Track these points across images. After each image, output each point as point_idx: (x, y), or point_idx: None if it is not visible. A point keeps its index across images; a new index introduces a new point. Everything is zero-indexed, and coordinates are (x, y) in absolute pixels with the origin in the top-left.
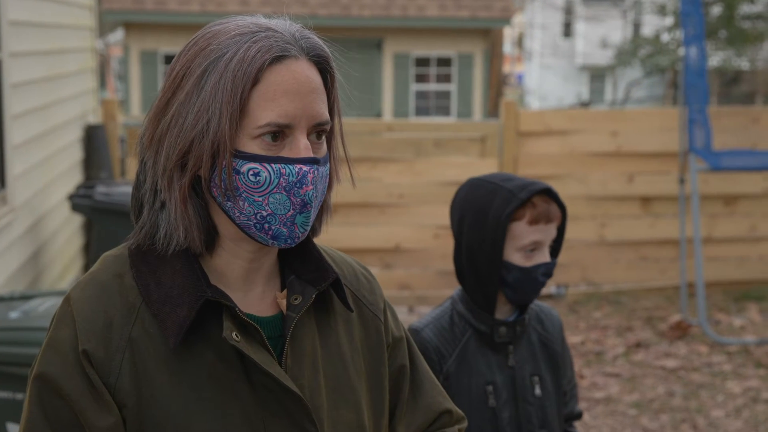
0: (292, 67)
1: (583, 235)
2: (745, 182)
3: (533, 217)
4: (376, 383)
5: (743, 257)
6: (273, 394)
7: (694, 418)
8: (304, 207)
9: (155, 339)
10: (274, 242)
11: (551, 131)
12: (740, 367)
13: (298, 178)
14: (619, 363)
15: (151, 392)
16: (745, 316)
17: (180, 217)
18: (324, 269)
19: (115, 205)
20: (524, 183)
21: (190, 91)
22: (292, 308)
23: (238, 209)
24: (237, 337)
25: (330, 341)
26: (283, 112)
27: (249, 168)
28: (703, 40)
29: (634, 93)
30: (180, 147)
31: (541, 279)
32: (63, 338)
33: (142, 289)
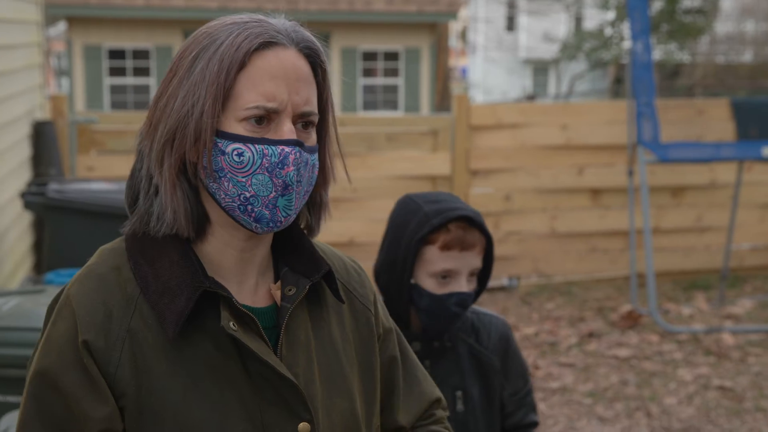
0: (281, 54)
1: (534, 228)
2: (691, 174)
3: (445, 243)
4: (367, 372)
5: (690, 247)
6: (269, 382)
7: (648, 406)
8: (286, 189)
9: (153, 329)
10: (257, 225)
11: (502, 125)
12: (690, 355)
13: (280, 158)
14: (573, 353)
15: (150, 382)
16: (693, 305)
17: (169, 198)
18: (316, 261)
19: (68, 202)
20: (444, 208)
21: (181, 75)
22: (286, 299)
23: (223, 191)
24: (234, 327)
25: (322, 332)
26: (269, 95)
27: (234, 148)
28: (649, 35)
29: (577, 86)
30: (169, 127)
31: (453, 309)
32: (60, 331)
33: (140, 280)
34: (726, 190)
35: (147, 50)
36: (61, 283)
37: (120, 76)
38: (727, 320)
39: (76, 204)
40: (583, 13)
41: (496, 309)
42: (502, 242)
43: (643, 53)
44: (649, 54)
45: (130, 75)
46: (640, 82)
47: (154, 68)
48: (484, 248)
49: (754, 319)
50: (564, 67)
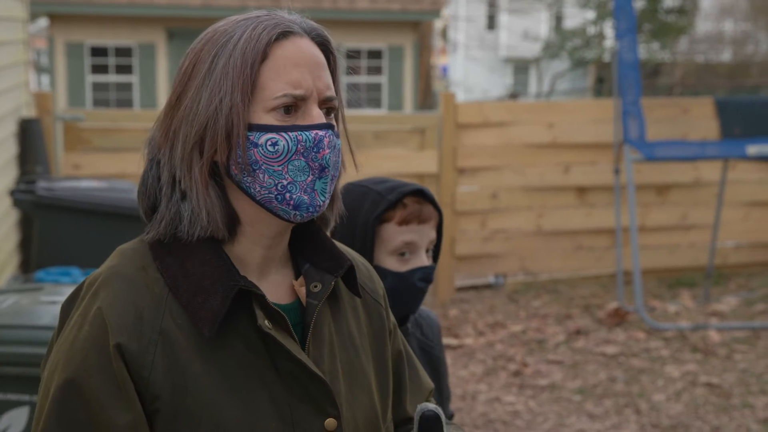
0: (298, 43)
1: (520, 226)
2: (675, 172)
3: (403, 217)
4: (381, 366)
5: (675, 245)
6: (298, 380)
7: (637, 403)
8: (323, 171)
9: (185, 329)
10: (296, 212)
11: (489, 123)
12: (677, 352)
13: (315, 142)
14: (561, 350)
15: (185, 383)
16: (679, 302)
17: (202, 201)
18: (338, 257)
19: (58, 200)
20: (395, 185)
21: (201, 76)
22: (312, 296)
23: (259, 183)
24: (269, 325)
25: (342, 327)
26: (296, 82)
27: (267, 139)
28: (636, 34)
29: (558, 85)
30: (197, 129)
31: (419, 285)
32: (86, 335)
33: (169, 280)
34: (710, 188)
35: (130, 48)
36: (52, 281)
37: (102, 74)
38: (712, 317)
39: (66, 202)
40: (563, 12)
41: (482, 307)
42: (488, 240)
43: (629, 52)
44: (635, 53)
45: (112, 72)
46: (626, 80)
47: (136, 66)
48: (437, 222)
49: (738, 316)
50: (545, 66)
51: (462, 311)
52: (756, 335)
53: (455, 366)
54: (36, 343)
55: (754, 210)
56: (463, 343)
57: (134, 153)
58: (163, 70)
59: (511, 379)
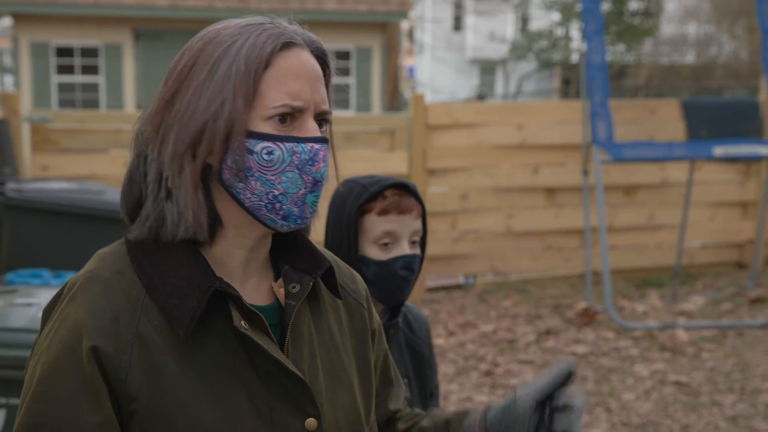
0: (300, 54)
1: (490, 226)
2: (642, 173)
3: (382, 208)
4: (363, 368)
5: (642, 245)
6: (277, 379)
7: (607, 402)
8: (315, 185)
9: (161, 331)
10: (284, 223)
11: (459, 124)
12: (646, 351)
13: (310, 155)
14: (532, 350)
15: (162, 384)
16: (647, 302)
17: (190, 202)
18: (317, 258)
19: (27, 201)
20: (380, 178)
21: (202, 78)
22: (291, 296)
23: (250, 190)
24: (245, 326)
25: (323, 327)
26: (295, 93)
27: (263, 147)
28: (603, 35)
29: (525, 86)
30: (193, 130)
31: (400, 273)
32: (60, 337)
33: (146, 282)
34: (677, 188)
35: (96, 48)
36: (23, 283)
37: (68, 74)
38: (680, 316)
39: (36, 203)
40: (529, 14)
41: (453, 307)
42: (458, 241)
43: (597, 54)
44: (602, 55)
45: (78, 73)
46: (594, 82)
47: (102, 66)
48: (420, 214)
49: (705, 315)
50: (512, 67)
51: (433, 311)
52: (723, 334)
53: None
54: (11, 346)
55: (720, 210)
56: (434, 344)
57: (103, 154)
58: (129, 70)
59: (482, 379)
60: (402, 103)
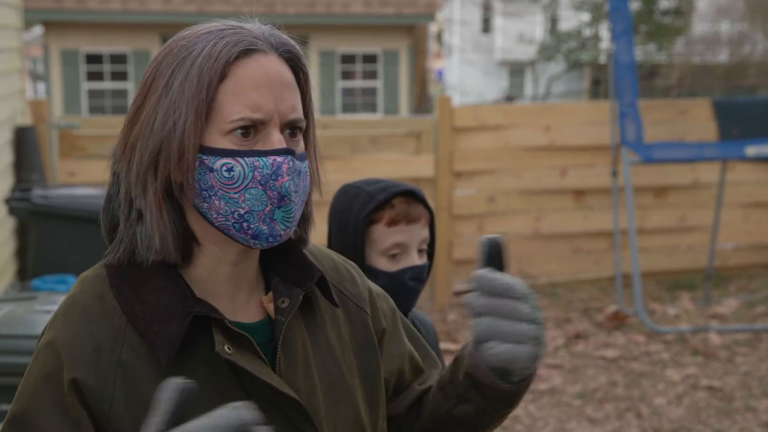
0: (261, 61)
1: (518, 229)
2: (673, 174)
3: (391, 218)
4: (368, 376)
5: (673, 247)
6: (270, 401)
7: (638, 407)
8: (282, 200)
9: (144, 359)
10: (256, 242)
11: (485, 126)
12: (678, 355)
13: (273, 169)
14: (560, 354)
15: (147, 414)
16: (678, 305)
17: (156, 224)
18: (307, 268)
19: (53, 208)
20: (386, 185)
21: (159, 92)
22: (280, 312)
23: (215, 210)
24: (229, 350)
25: (319, 339)
26: (254, 105)
27: (222, 164)
28: (632, 35)
29: (554, 88)
30: (151, 149)
31: (410, 284)
32: (39, 368)
33: (126, 308)
34: (708, 189)
35: (125, 54)
36: (49, 289)
37: (98, 81)
38: (712, 320)
39: (61, 209)
40: (558, 15)
41: None
42: None
43: (626, 54)
44: (631, 55)
45: (107, 79)
46: (623, 82)
47: (131, 72)
48: (428, 221)
49: (739, 318)
50: (541, 69)
51: (460, 315)
52: (757, 337)
53: None
54: (31, 353)
55: (753, 211)
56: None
57: None
58: None
59: None
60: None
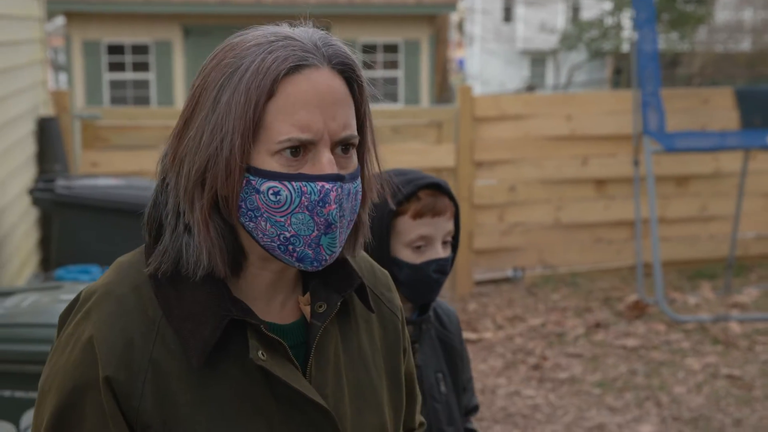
0: (312, 77)
1: (538, 219)
2: (695, 163)
3: (417, 211)
4: (394, 381)
5: (694, 237)
6: (298, 407)
7: (658, 396)
8: (329, 227)
9: (177, 356)
10: (300, 264)
11: (506, 116)
12: (698, 344)
13: (321, 196)
14: (581, 343)
15: (176, 412)
16: (699, 294)
17: (203, 240)
18: (349, 274)
19: (76, 198)
20: (413, 177)
21: (207, 108)
22: (316, 317)
23: (261, 230)
24: (263, 356)
25: (352, 345)
26: (303, 125)
27: (269, 187)
28: (655, 24)
29: (576, 77)
30: (197, 166)
31: (434, 276)
32: (77, 364)
33: (162, 301)
34: (730, 179)
35: (146, 45)
36: (72, 279)
37: (119, 72)
38: (733, 309)
39: (85, 200)
40: (580, 3)
41: (501, 301)
42: (506, 234)
43: (648, 43)
44: (654, 43)
45: (129, 70)
46: (645, 71)
47: (153, 63)
48: (453, 214)
49: (760, 307)
50: (563, 58)
51: (481, 305)
52: None
53: (474, 360)
54: None
55: None
56: (482, 337)
57: (152, 150)
58: (179, 67)
59: (530, 373)
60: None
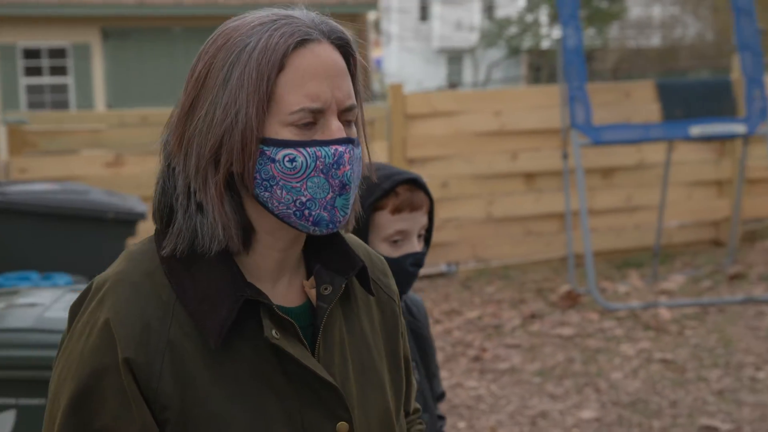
0: (317, 51)
1: (471, 213)
2: (619, 155)
3: (396, 206)
4: (394, 363)
5: (621, 227)
6: (308, 384)
7: (596, 382)
8: (343, 188)
9: (192, 338)
10: (316, 228)
11: (437, 113)
12: (630, 330)
13: (335, 159)
14: (518, 334)
15: (194, 392)
16: (628, 282)
17: (218, 215)
18: (350, 257)
19: (11, 204)
20: (390, 172)
21: (217, 87)
22: (322, 299)
23: (276, 198)
24: (276, 335)
25: (354, 326)
26: (313, 95)
27: (284, 154)
28: (578, 20)
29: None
30: (212, 143)
31: (411, 269)
32: (95, 347)
33: (176, 286)
34: (653, 169)
35: (64, 48)
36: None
37: (36, 76)
38: (661, 296)
39: (21, 206)
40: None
41: (437, 295)
42: (440, 229)
43: (573, 39)
44: (579, 39)
45: (46, 74)
46: (571, 66)
47: (71, 67)
48: (428, 208)
49: (686, 293)
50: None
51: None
52: (704, 311)
53: None
54: (19, 346)
55: (696, 189)
56: None
57: (80, 155)
58: (99, 70)
59: (471, 365)
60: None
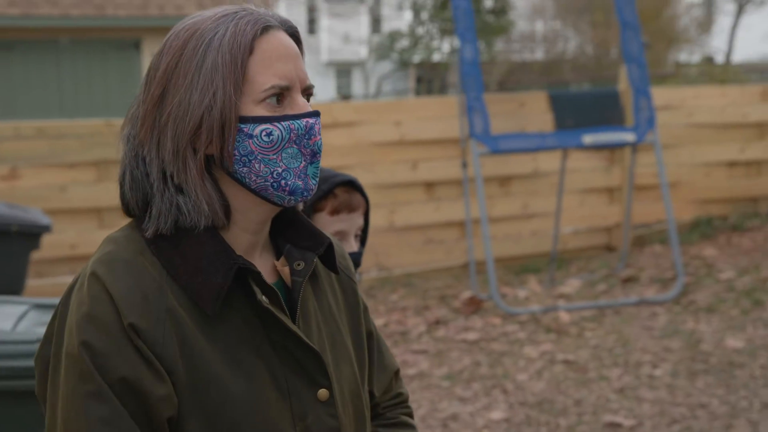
0: (278, 36)
1: (374, 223)
2: (515, 164)
3: (334, 207)
4: (357, 340)
5: (518, 234)
6: (291, 353)
7: (503, 384)
8: (314, 156)
9: (186, 309)
10: (291, 198)
11: (338, 123)
12: (532, 333)
13: (307, 130)
14: (424, 340)
15: (193, 358)
16: (527, 287)
17: (201, 193)
18: (317, 235)
19: None
20: (328, 175)
21: (191, 73)
22: (296, 273)
23: (254, 173)
24: (267, 301)
25: (323, 303)
26: (281, 74)
27: (261, 129)
28: (474, 33)
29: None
30: (191, 125)
31: None
32: (102, 314)
33: (166, 263)
34: (547, 177)
35: None
36: None
37: None
38: (560, 299)
39: None
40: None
41: None
42: None
43: (470, 51)
44: (475, 51)
45: None
46: (468, 77)
47: None
48: (365, 210)
49: (583, 296)
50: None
51: None
52: (601, 313)
53: None
54: None
55: (588, 196)
56: None
57: None
58: None
59: None
60: None
